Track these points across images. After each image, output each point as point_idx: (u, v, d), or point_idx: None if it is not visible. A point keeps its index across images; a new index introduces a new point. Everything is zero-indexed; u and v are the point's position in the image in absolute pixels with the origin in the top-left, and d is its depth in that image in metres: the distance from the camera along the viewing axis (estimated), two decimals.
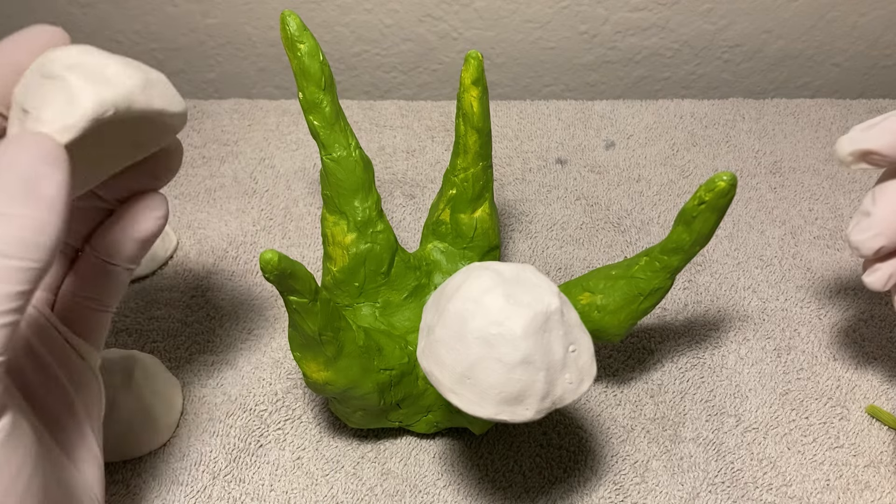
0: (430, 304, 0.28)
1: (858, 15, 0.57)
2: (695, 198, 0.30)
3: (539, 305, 0.26)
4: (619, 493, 0.35)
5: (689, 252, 0.32)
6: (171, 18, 0.56)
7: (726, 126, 0.53)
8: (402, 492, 0.35)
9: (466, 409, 0.26)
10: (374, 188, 0.35)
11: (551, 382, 0.26)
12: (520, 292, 0.26)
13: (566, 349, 0.26)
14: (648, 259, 0.32)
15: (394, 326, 0.36)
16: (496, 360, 0.25)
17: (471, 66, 0.34)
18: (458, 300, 0.26)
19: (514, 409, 0.26)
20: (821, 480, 0.36)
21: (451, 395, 0.26)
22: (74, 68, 0.23)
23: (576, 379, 0.27)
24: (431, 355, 0.27)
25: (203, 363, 0.39)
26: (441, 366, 0.26)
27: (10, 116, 0.23)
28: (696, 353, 0.41)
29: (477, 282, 0.26)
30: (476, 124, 0.35)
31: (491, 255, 0.38)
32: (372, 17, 0.56)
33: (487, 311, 0.26)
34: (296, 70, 0.34)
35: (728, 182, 0.29)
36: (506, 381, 0.25)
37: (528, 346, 0.25)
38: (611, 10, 0.56)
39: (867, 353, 0.41)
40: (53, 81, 0.23)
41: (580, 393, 0.27)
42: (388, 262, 0.36)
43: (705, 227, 0.31)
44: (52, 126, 0.22)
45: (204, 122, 0.52)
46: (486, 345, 0.25)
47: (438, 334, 0.26)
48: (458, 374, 0.26)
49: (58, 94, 0.23)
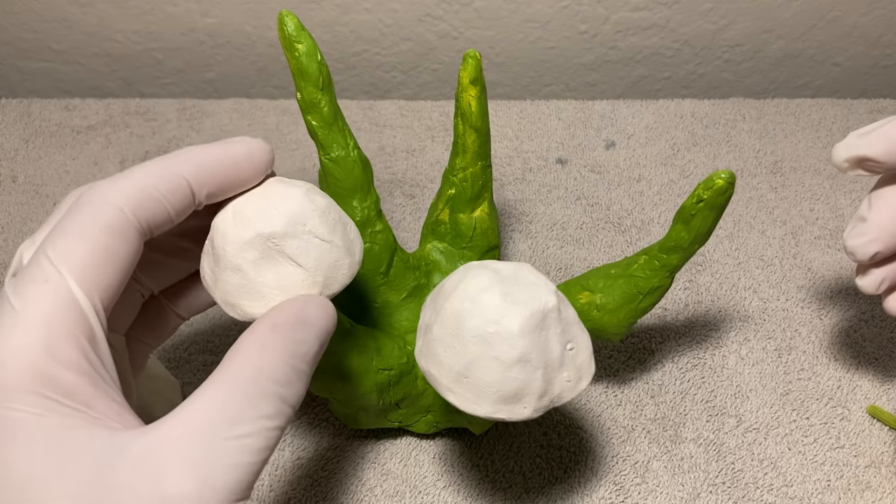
0: (427, 302, 0.28)
1: (859, 14, 0.57)
2: (693, 196, 0.30)
3: (536, 303, 0.26)
4: (619, 493, 0.35)
5: (687, 250, 0.32)
6: (170, 18, 0.56)
7: (727, 126, 0.53)
8: (402, 492, 0.35)
9: (464, 408, 0.26)
10: (373, 188, 0.35)
11: (549, 381, 0.26)
12: (517, 290, 0.26)
13: (564, 347, 0.26)
14: (647, 258, 0.32)
15: (393, 327, 0.36)
16: (493, 359, 0.25)
17: (469, 65, 0.34)
18: (456, 299, 0.26)
19: (512, 407, 0.26)
20: (822, 481, 0.36)
21: (449, 393, 0.26)
22: (336, 233, 0.26)
23: (574, 377, 0.27)
24: (429, 354, 0.27)
25: (203, 363, 0.39)
26: (438, 365, 0.26)
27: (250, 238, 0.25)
28: (697, 353, 0.40)
29: (474, 280, 0.26)
30: (474, 124, 0.35)
31: (490, 255, 0.38)
32: (371, 17, 0.56)
33: (484, 309, 0.25)
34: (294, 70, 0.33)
35: (726, 180, 0.29)
36: (503, 379, 0.25)
37: (525, 344, 0.25)
38: (611, 10, 0.56)
39: (868, 354, 0.41)
40: (323, 243, 0.25)
41: (578, 391, 0.27)
42: (387, 262, 0.36)
43: (704, 225, 0.31)
44: (326, 290, 0.26)
45: (203, 122, 0.52)
46: (483, 343, 0.25)
47: (436, 333, 0.26)
48: (456, 372, 0.26)
49: (326, 256, 0.26)
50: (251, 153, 0.26)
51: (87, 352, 0.21)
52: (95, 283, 0.22)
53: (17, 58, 0.58)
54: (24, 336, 0.20)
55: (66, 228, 0.22)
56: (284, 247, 0.25)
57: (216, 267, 0.25)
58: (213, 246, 0.26)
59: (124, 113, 0.53)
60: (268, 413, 0.21)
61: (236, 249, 0.25)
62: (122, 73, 0.59)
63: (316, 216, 0.25)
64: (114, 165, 0.49)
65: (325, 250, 0.25)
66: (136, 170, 0.24)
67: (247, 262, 0.25)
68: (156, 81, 0.60)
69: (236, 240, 0.25)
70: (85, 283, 0.21)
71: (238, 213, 0.25)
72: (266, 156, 0.26)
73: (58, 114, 0.52)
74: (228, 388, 0.21)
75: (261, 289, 0.25)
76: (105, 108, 0.53)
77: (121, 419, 0.21)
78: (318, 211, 0.25)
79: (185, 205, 0.24)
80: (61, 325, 0.21)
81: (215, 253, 0.25)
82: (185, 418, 0.21)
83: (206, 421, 0.20)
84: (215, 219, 0.26)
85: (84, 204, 0.23)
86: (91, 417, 0.20)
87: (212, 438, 0.20)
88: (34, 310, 0.21)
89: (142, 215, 0.23)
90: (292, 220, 0.25)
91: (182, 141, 0.51)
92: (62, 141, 0.51)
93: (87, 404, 0.20)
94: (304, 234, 0.25)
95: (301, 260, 0.25)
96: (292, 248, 0.25)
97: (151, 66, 0.59)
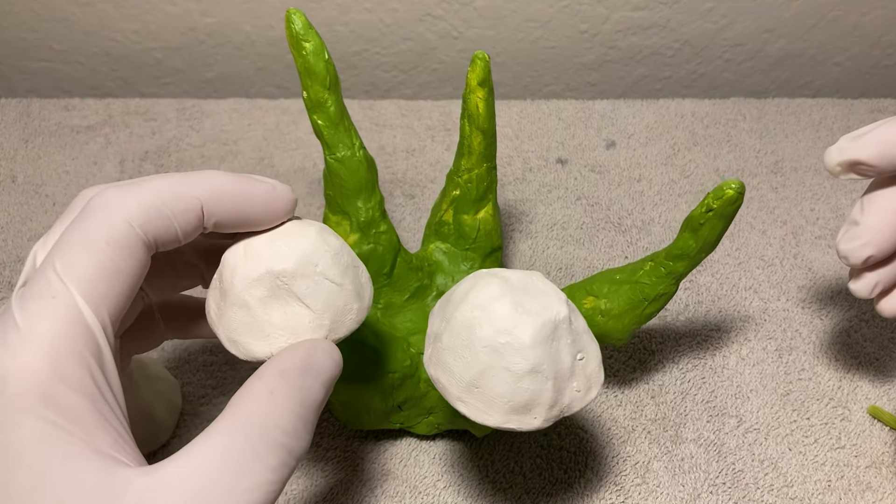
0: (436, 310, 0.28)
1: (860, 14, 0.57)
2: (702, 205, 0.30)
3: (548, 314, 0.25)
4: (619, 493, 0.35)
5: (694, 258, 0.32)
6: (169, 17, 0.56)
7: (727, 125, 0.53)
8: (403, 493, 0.35)
9: (474, 418, 0.26)
10: (378, 188, 0.35)
11: (559, 391, 0.26)
12: (528, 300, 0.26)
13: (574, 357, 0.26)
14: (654, 264, 0.32)
15: (396, 328, 0.35)
16: (504, 370, 0.25)
17: (477, 66, 0.34)
18: (466, 308, 0.26)
19: (522, 417, 0.26)
20: (822, 481, 0.36)
21: (459, 403, 0.26)
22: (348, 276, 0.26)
23: (584, 387, 0.27)
24: (439, 363, 0.26)
25: (203, 363, 0.39)
26: (448, 374, 0.26)
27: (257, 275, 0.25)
28: (698, 353, 0.40)
29: (485, 290, 0.26)
30: (481, 125, 0.35)
31: (493, 256, 0.38)
32: (372, 17, 0.56)
33: (495, 319, 0.25)
34: (300, 69, 0.33)
35: (736, 190, 0.29)
36: (514, 390, 0.25)
37: (536, 355, 0.25)
38: (611, 10, 0.56)
39: (868, 354, 0.40)
40: (333, 286, 0.25)
41: (588, 401, 0.27)
42: (390, 262, 0.36)
43: (712, 234, 0.31)
44: (332, 334, 0.25)
45: (203, 122, 0.52)
46: (494, 354, 0.25)
47: (446, 342, 0.26)
48: (466, 382, 0.26)
49: (335, 299, 0.25)
50: (270, 197, 0.25)
51: (94, 370, 0.21)
52: (103, 298, 0.21)
53: (17, 57, 0.58)
54: (30, 355, 0.20)
55: (73, 239, 0.22)
56: (294, 286, 0.24)
57: (222, 302, 0.25)
58: (222, 280, 0.25)
59: (124, 113, 0.52)
60: (272, 465, 0.21)
61: (245, 286, 0.24)
62: (121, 73, 0.59)
63: (328, 257, 0.25)
64: (113, 165, 0.49)
65: (335, 293, 0.25)
66: (150, 181, 0.23)
67: (254, 298, 0.24)
68: (155, 81, 0.60)
69: (245, 275, 0.24)
70: (92, 299, 0.21)
71: (250, 249, 0.25)
72: (286, 204, 0.25)
73: (57, 113, 0.52)
74: (234, 435, 0.21)
75: (266, 328, 0.25)
76: (104, 108, 0.53)
77: (122, 450, 0.21)
78: (331, 252, 0.25)
79: (194, 227, 0.24)
80: (68, 343, 0.20)
81: (223, 287, 0.25)
82: (188, 463, 0.20)
83: (209, 470, 0.20)
84: (226, 253, 0.25)
85: (92, 213, 0.22)
86: (92, 448, 0.20)
87: (213, 489, 0.20)
88: (41, 327, 0.20)
89: (150, 230, 0.23)
90: (304, 259, 0.24)
91: (182, 140, 0.51)
92: (61, 141, 0.50)
93: (90, 432, 0.20)
94: (315, 276, 0.25)
95: (309, 301, 0.25)
96: (302, 288, 0.24)
97: (151, 66, 0.59)
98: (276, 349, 0.25)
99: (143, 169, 0.49)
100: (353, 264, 0.26)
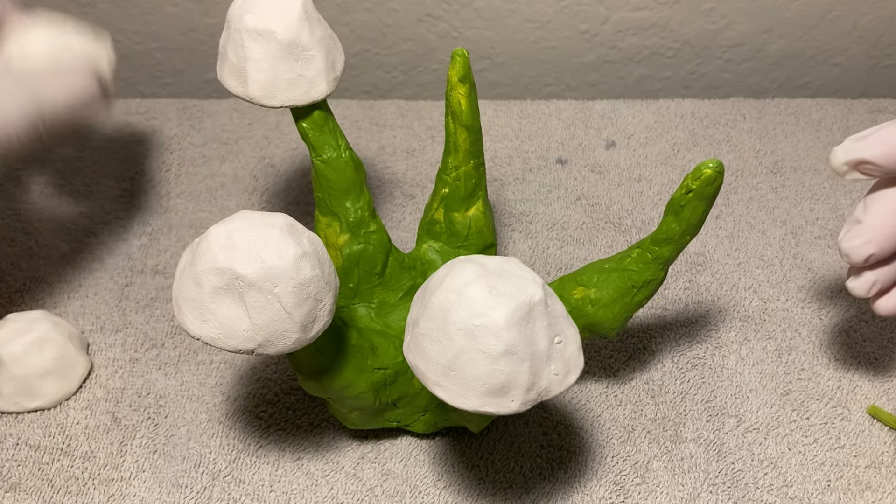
0: (416, 298, 0.28)
1: (860, 14, 0.57)
2: (682, 187, 0.30)
3: (522, 296, 0.26)
4: (619, 493, 0.35)
5: (679, 242, 0.32)
6: (170, 18, 0.56)
7: (727, 126, 0.53)
8: (403, 492, 0.35)
9: (451, 402, 0.26)
10: (366, 188, 0.35)
11: (536, 374, 0.26)
12: (503, 283, 0.26)
13: (551, 340, 0.26)
14: (640, 251, 0.33)
15: (389, 327, 0.36)
16: (479, 352, 0.25)
17: (457, 63, 0.34)
18: (442, 292, 0.26)
19: (500, 400, 0.26)
20: (822, 481, 0.36)
21: (437, 387, 0.26)
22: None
23: (562, 370, 0.27)
24: (416, 349, 0.27)
25: (203, 363, 0.39)
26: (426, 359, 0.26)
27: None
28: (697, 353, 0.40)
29: (460, 274, 0.26)
30: (465, 122, 0.35)
31: (486, 253, 0.38)
32: (372, 17, 0.56)
33: (470, 302, 0.25)
34: None
35: (714, 169, 0.29)
36: (490, 372, 0.25)
37: (511, 336, 0.25)
38: (611, 10, 0.56)
39: (868, 354, 0.41)
40: (282, 311, 0.26)
41: (567, 385, 0.27)
42: (382, 262, 0.36)
43: (694, 215, 0.31)
44: (260, 349, 0.27)
45: (204, 122, 0.52)
46: (469, 336, 0.25)
47: (422, 327, 0.26)
48: (443, 366, 0.26)
49: (278, 324, 0.26)
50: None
51: None
52: None
53: None
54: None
55: None
56: (246, 294, 0.25)
57: (188, 267, 0.26)
58: (196, 249, 0.26)
59: (124, 113, 0.53)
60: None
61: (206, 268, 0.25)
62: (122, 73, 0.59)
63: (291, 286, 0.25)
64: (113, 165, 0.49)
65: (281, 318, 0.26)
66: None
67: (209, 284, 0.25)
68: (156, 81, 0.60)
69: (211, 260, 0.25)
70: None
71: (231, 237, 0.26)
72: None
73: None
74: None
75: (207, 314, 0.25)
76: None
77: None
78: (296, 282, 0.26)
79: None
80: None
81: (194, 257, 0.26)
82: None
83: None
84: (211, 228, 0.26)
85: None
86: None
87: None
88: None
89: None
90: (267, 276, 0.25)
91: (183, 140, 0.51)
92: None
93: None
94: (270, 295, 0.25)
95: (253, 313, 0.25)
96: (252, 299, 0.25)
97: (151, 66, 0.59)
98: (206, 336, 0.26)
99: (144, 168, 0.49)
100: (317, 298, 0.27)
